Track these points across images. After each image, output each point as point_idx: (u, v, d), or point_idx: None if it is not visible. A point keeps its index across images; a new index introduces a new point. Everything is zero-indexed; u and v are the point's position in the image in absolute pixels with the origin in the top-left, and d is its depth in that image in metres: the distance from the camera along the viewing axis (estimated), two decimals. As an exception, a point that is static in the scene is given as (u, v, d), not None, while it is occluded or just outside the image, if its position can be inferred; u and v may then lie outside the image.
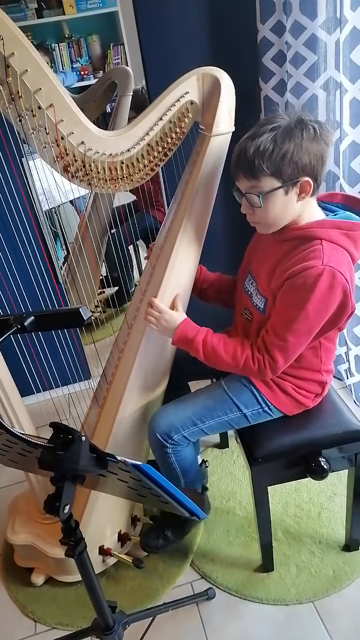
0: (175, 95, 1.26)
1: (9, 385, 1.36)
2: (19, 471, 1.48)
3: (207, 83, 1.26)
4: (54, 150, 1.20)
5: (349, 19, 1.50)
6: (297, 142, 1.09)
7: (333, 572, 1.52)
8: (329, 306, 1.15)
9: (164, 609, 1.42)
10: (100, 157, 1.24)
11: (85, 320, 1.01)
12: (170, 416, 1.37)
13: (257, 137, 1.11)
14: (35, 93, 1.13)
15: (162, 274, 1.36)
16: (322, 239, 1.15)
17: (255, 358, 1.23)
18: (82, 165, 1.24)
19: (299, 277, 1.14)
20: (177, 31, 1.79)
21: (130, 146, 1.26)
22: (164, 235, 1.45)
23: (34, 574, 1.60)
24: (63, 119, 1.17)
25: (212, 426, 1.38)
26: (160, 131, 1.27)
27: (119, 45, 3.60)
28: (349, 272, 1.14)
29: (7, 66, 1.08)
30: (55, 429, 0.84)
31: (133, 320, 1.48)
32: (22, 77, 1.10)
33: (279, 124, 1.10)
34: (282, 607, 1.46)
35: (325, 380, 1.37)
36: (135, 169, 1.30)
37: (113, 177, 1.29)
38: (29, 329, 0.98)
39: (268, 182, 1.13)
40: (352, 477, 1.42)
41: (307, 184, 1.13)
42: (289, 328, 1.17)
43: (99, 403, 1.54)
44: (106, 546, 1.53)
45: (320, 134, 1.11)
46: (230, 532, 1.68)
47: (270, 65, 1.86)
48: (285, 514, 1.71)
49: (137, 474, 0.78)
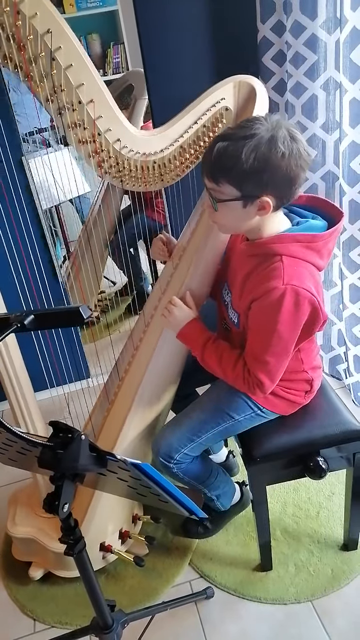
0: (211, 101, 1.28)
1: (24, 381, 1.38)
2: (19, 470, 1.48)
3: (243, 91, 1.29)
4: (90, 146, 1.21)
5: (349, 19, 1.50)
6: (263, 160, 1.03)
7: (331, 571, 1.52)
8: (299, 322, 1.15)
9: (162, 607, 1.42)
10: (134, 155, 1.26)
11: (85, 318, 1.01)
12: (168, 437, 1.38)
13: (229, 141, 1.06)
14: (78, 88, 1.14)
15: (185, 273, 1.38)
16: (282, 255, 1.13)
17: (245, 379, 1.23)
18: (115, 162, 1.26)
19: (264, 299, 1.13)
20: (177, 30, 1.79)
21: (164, 147, 1.28)
22: (187, 237, 1.46)
23: (32, 567, 1.59)
24: (102, 115, 1.18)
25: (209, 438, 1.38)
26: (194, 134, 1.30)
27: (119, 44, 3.59)
28: (313, 285, 1.13)
29: (52, 59, 1.09)
30: (55, 427, 0.84)
31: (150, 319, 1.49)
32: (66, 71, 1.11)
33: (254, 133, 1.04)
34: (280, 606, 1.46)
35: (312, 377, 1.37)
36: (167, 169, 1.32)
37: (145, 176, 1.31)
38: (28, 328, 0.98)
39: (227, 190, 1.09)
40: (350, 476, 1.42)
41: (267, 203, 1.09)
42: (266, 350, 1.17)
43: (109, 399, 1.54)
44: (107, 543, 1.53)
45: (291, 156, 1.04)
46: (229, 531, 1.68)
47: (270, 65, 1.86)
48: (284, 513, 1.71)
49: (137, 472, 0.79)
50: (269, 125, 1.05)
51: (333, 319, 2.12)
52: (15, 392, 1.39)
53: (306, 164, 1.08)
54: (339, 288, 2.00)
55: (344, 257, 1.88)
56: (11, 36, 1.06)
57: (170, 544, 1.67)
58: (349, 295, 1.94)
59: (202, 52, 1.85)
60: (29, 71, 1.10)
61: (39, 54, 1.08)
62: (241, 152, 1.04)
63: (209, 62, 1.88)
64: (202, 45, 1.84)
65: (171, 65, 1.84)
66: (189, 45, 1.82)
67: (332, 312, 2.11)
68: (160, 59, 1.81)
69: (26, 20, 1.04)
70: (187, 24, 1.79)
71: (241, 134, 1.05)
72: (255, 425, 1.39)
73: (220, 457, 1.82)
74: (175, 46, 1.80)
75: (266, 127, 1.05)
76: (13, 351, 1.34)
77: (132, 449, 1.43)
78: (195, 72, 1.87)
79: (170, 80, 1.86)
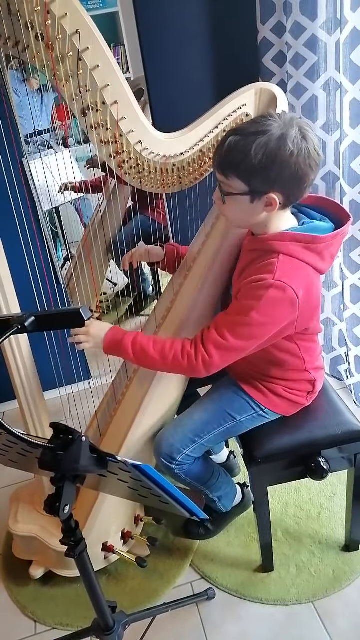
0: (232, 106, 1.30)
1: (34, 380, 1.39)
2: (20, 471, 1.48)
3: (264, 98, 1.31)
4: (112, 147, 1.23)
5: (349, 20, 1.50)
6: (272, 157, 1.04)
7: (333, 572, 1.52)
8: (275, 318, 1.14)
9: (164, 609, 1.42)
10: (155, 157, 1.28)
11: (85, 320, 1.02)
12: (170, 438, 1.37)
13: (240, 135, 1.07)
14: (103, 89, 1.15)
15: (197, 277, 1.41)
16: (280, 253, 1.14)
17: (185, 352, 1.21)
18: (135, 164, 1.27)
19: (251, 287, 1.14)
20: (178, 32, 1.80)
21: (184, 150, 1.30)
22: (200, 243, 1.49)
23: (33, 566, 1.59)
24: (125, 116, 1.19)
25: (211, 439, 1.38)
26: (214, 139, 1.31)
27: (120, 46, 3.59)
28: (303, 288, 1.12)
29: (79, 59, 1.11)
30: (56, 429, 0.84)
31: (162, 320, 1.49)
32: (92, 72, 1.12)
33: (266, 130, 1.04)
34: (282, 607, 1.46)
35: (314, 378, 1.37)
36: (186, 173, 1.34)
37: (164, 178, 1.32)
38: (29, 329, 0.98)
39: (236, 184, 1.11)
40: (351, 477, 1.42)
41: (274, 200, 1.09)
42: (230, 329, 1.16)
43: (116, 399, 1.54)
44: (109, 543, 1.53)
45: (300, 155, 1.04)
46: (230, 533, 1.68)
47: (270, 66, 1.86)
48: (285, 514, 1.71)
49: (137, 474, 0.79)
50: (281, 122, 1.06)
51: (334, 320, 2.12)
52: (25, 393, 1.39)
53: (315, 164, 1.08)
54: (339, 289, 2.00)
55: (344, 258, 1.88)
56: (40, 35, 1.07)
57: (172, 545, 1.67)
58: (350, 296, 1.94)
59: (202, 54, 1.85)
60: (56, 70, 1.11)
61: (66, 54, 1.09)
62: (251, 148, 1.05)
63: (209, 64, 1.89)
64: (202, 47, 1.84)
65: (171, 66, 1.85)
66: (189, 47, 1.83)
67: (333, 313, 2.11)
68: (160, 60, 1.81)
69: (56, 20, 1.06)
70: (187, 25, 1.80)
71: (253, 129, 1.06)
72: (256, 426, 1.39)
73: (221, 458, 1.83)
74: (175, 47, 1.81)
75: (278, 125, 1.05)
76: (25, 351, 1.34)
77: (138, 451, 1.43)
78: (196, 73, 1.87)
79: (171, 82, 1.87)
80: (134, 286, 2.79)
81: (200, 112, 1.33)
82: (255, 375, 1.37)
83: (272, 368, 1.33)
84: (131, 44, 2.04)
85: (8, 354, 1.33)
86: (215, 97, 1.91)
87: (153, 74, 1.84)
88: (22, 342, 1.34)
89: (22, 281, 1.76)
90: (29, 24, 1.05)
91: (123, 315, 2.79)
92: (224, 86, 1.89)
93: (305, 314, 1.18)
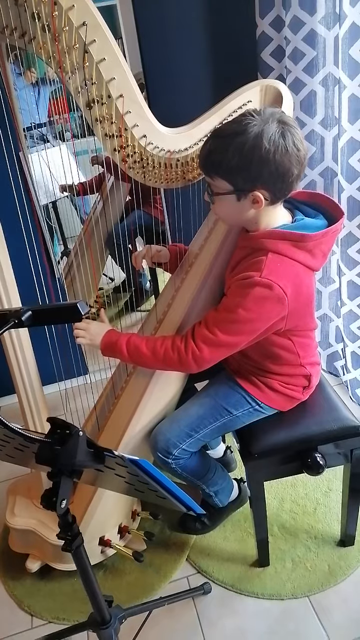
0: (238, 102, 1.30)
1: (34, 375, 1.39)
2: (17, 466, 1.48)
3: (269, 95, 1.30)
4: (116, 141, 1.22)
5: (348, 15, 1.50)
6: (249, 156, 1.05)
7: (328, 567, 1.53)
8: (263, 316, 1.15)
9: (160, 603, 1.42)
10: (159, 152, 1.27)
11: (82, 315, 1.01)
12: (166, 433, 1.38)
13: (219, 137, 1.09)
14: (109, 82, 1.14)
15: (198, 275, 1.41)
16: (269, 251, 1.14)
17: (176, 347, 1.23)
18: (140, 158, 1.27)
19: (239, 284, 1.15)
20: (176, 25, 1.79)
21: (188, 145, 1.30)
22: (202, 239, 1.49)
23: (29, 559, 1.59)
24: (130, 110, 1.18)
25: (208, 434, 1.38)
26: None
27: (118, 39, 3.57)
28: (292, 286, 1.13)
29: (85, 52, 1.10)
30: (53, 423, 0.84)
31: (163, 316, 1.49)
32: (98, 64, 1.11)
33: (244, 129, 1.05)
34: (277, 601, 1.47)
35: (310, 373, 1.37)
36: (189, 168, 1.33)
37: (167, 173, 1.32)
38: (26, 324, 0.98)
39: (221, 184, 1.12)
40: (347, 472, 1.42)
41: (259, 197, 1.10)
42: (219, 325, 1.18)
43: (115, 394, 1.54)
44: (107, 537, 1.53)
45: (277, 152, 1.04)
46: (226, 527, 1.68)
47: (269, 61, 1.86)
48: (281, 509, 1.71)
49: (134, 468, 0.78)
50: (259, 120, 1.05)
51: (331, 316, 2.12)
52: (25, 387, 1.39)
53: (297, 159, 1.07)
54: (337, 285, 2.00)
55: (342, 254, 1.88)
56: (47, 26, 1.06)
57: (168, 539, 1.67)
58: (347, 292, 1.94)
59: (200, 48, 1.84)
60: (62, 62, 1.11)
61: (73, 46, 1.09)
62: (227, 149, 1.06)
63: (208, 57, 1.88)
64: (200, 40, 1.83)
65: (169, 59, 1.84)
66: (188, 41, 1.82)
67: (330, 309, 2.11)
68: (158, 53, 1.81)
69: (62, 12, 1.05)
70: (186, 19, 1.79)
71: (231, 130, 1.07)
72: (253, 421, 1.40)
73: (217, 453, 1.83)
74: (173, 41, 1.80)
75: (256, 123, 1.05)
76: (25, 345, 1.34)
77: (137, 446, 1.43)
78: (194, 67, 1.86)
79: (169, 76, 1.86)
80: (131, 281, 2.79)
81: (199, 107, 1.33)
82: (251, 369, 1.37)
83: (268, 362, 1.34)
84: (129, 37, 2.03)
85: (8, 348, 1.33)
86: (213, 92, 1.92)
87: (151, 68, 1.83)
88: (23, 336, 1.34)
89: (19, 275, 1.75)
90: (36, 15, 1.04)
91: (120, 311, 2.79)
92: (222, 81, 1.90)
93: (296, 311, 1.18)
